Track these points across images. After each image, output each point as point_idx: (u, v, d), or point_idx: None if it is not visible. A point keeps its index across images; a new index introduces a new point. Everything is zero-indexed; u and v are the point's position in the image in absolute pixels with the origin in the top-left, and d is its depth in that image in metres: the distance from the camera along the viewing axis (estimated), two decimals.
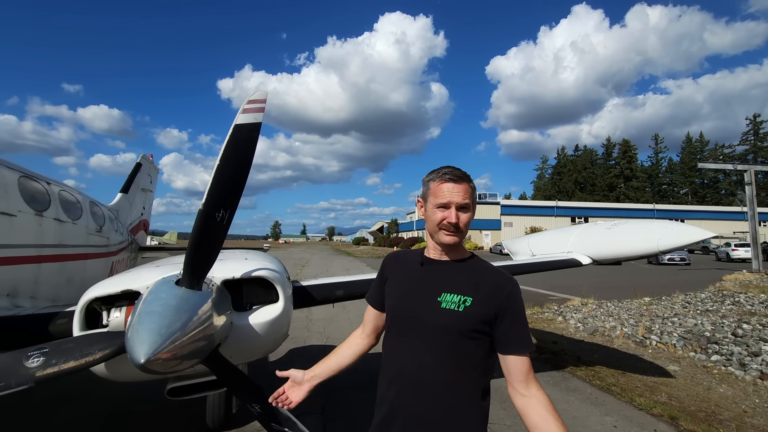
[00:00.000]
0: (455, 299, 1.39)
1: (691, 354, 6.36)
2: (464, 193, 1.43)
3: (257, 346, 2.44)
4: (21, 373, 1.82)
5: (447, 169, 1.47)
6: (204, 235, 1.95)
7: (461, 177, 1.45)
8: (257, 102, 1.97)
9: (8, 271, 3.52)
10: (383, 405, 1.47)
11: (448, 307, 1.39)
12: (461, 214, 1.43)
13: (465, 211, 1.44)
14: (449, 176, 1.44)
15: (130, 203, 8.95)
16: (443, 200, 1.43)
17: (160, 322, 1.69)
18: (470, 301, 1.38)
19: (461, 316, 1.37)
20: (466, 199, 1.43)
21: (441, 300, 1.41)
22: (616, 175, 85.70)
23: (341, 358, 1.75)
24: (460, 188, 1.43)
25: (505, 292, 1.40)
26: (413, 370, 1.41)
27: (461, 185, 1.43)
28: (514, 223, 60.06)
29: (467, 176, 1.47)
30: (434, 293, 1.43)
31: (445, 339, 1.38)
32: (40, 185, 4.30)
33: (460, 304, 1.38)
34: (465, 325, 1.37)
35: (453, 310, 1.38)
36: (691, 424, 3.98)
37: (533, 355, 6.16)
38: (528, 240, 5.75)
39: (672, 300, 11.27)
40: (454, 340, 1.38)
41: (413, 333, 1.44)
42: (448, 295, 1.40)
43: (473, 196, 1.47)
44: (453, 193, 1.42)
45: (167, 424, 4.02)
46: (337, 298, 3.81)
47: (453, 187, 1.43)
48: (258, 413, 2.06)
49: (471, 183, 1.47)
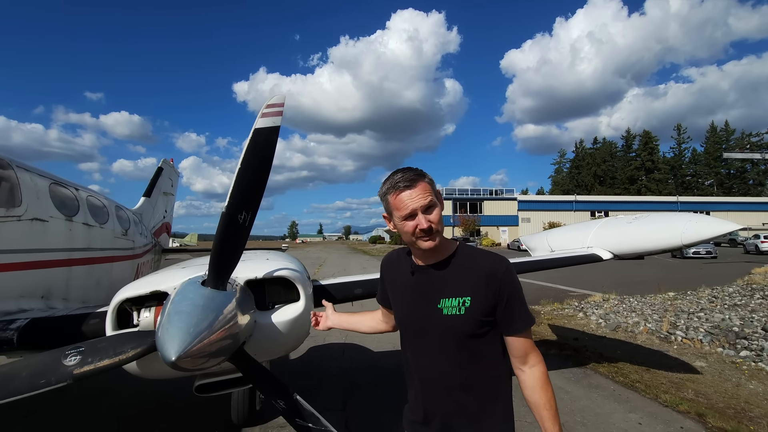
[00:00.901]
0: (455, 303, 1.39)
1: (718, 350, 6.19)
2: (423, 193, 1.37)
3: (280, 344, 2.50)
4: (60, 370, 1.92)
5: (398, 176, 1.39)
6: (227, 236, 2.01)
7: (414, 179, 1.38)
8: (275, 106, 2.02)
9: (42, 274, 3.68)
10: (417, 408, 1.51)
11: (449, 312, 1.39)
12: (429, 215, 1.37)
13: (431, 211, 1.38)
14: (403, 183, 1.37)
15: (152, 207, 9.20)
16: (407, 210, 1.37)
17: (189, 321, 1.76)
18: (469, 300, 1.38)
19: (464, 319, 1.38)
20: (427, 197, 1.37)
21: (441, 307, 1.40)
22: (636, 167, 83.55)
23: (360, 323, 1.99)
24: (418, 190, 1.37)
25: (498, 278, 1.38)
26: (436, 374, 1.45)
27: (417, 187, 1.37)
28: (531, 219, 59.24)
29: (420, 174, 1.41)
30: (433, 301, 1.42)
31: (455, 343, 1.40)
32: (70, 191, 4.48)
33: (460, 306, 1.38)
34: (470, 325, 1.38)
35: (455, 315, 1.38)
36: (720, 421, 3.88)
37: (554, 352, 6.10)
38: (546, 235, 5.68)
39: (698, 294, 10.97)
40: (464, 342, 1.40)
41: (425, 342, 1.47)
42: (447, 300, 1.40)
43: (434, 190, 1.41)
44: (413, 199, 1.36)
45: (193, 420, 4.14)
46: (356, 296, 3.86)
47: (410, 193, 1.37)
48: (282, 409, 2.12)
49: (426, 178, 1.41)
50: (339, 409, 4.33)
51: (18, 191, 3.50)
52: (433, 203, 1.39)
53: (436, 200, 1.41)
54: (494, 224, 59.02)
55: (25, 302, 3.40)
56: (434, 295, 1.43)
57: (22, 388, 1.88)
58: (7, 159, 3.56)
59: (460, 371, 1.42)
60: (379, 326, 1.93)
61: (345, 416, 4.16)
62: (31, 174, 3.78)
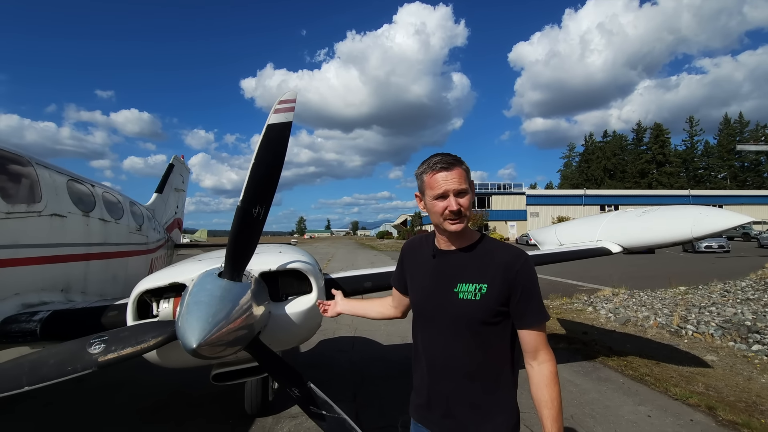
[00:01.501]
0: (471, 288, 1.42)
1: (730, 344, 6.15)
2: (458, 178, 1.42)
3: (293, 334, 2.57)
4: (85, 358, 2.00)
5: (437, 158, 1.45)
6: (242, 230, 2.07)
7: (452, 163, 1.44)
8: (287, 102, 2.06)
9: (62, 268, 3.80)
10: (422, 391, 1.56)
11: (465, 297, 1.42)
12: (460, 199, 1.43)
13: (463, 196, 1.43)
14: (440, 165, 1.43)
15: (164, 203, 9.34)
16: (440, 191, 1.43)
17: (208, 311, 1.82)
18: (486, 288, 1.41)
19: (479, 305, 1.41)
20: (461, 184, 1.42)
21: (458, 291, 1.44)
22: (647, 160, 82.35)
23: (369, 308, 2.03)
24: (454, 174, 1.42)
25: (515, 270, 1.41)
26: (443, 359, 1.48)
27: (453, 171, 1.43)
28: (540, 213, 58.77)
29: (458, 160, 1.46)
30: (450, 285, 1.46)
31: (467, 328, 1.43)
32: (86, 187, 4.59)
33: (476, 292, 1.41)
34: (484, 312, 1.41)
35: (471, 300, 1.41)
36: (730, 414, 3.88)
37: (563, 346, 6.11)
38: (555, 229, 5.68)
39: (709, 289, 10.85)
40: (476, 328, 1.43)
41: (437, 325, 1.50)
42: (464, 285, 1.44)
43: (468, 178, 1.47)
44: (448, 181, 1.42)
45: (208, 410, 4.25)
46: (366, 289, 3.91)
47: (446, 175, 1.42)
48: (297, 397, 2.18)
49: (463, 166, 1.46)
50: (349, 400, 4.41)
51: (38, 188, 3.61)
52: (466, 190, 1.44)
53: (469, 188, 1.46)
54: (502, 219, 58.67)
55: (46, 295, 3.51)
56: (452, 280, 1.47)
57: (51, 375, 1.96)
58: (27, 156, 3.67)
59: (468, 358, 1.44)
60: (388, 312, 1.94)
61: (355, 407, 4.24)
62: (49, 171, 3.88)
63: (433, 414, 1.51)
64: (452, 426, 1.47)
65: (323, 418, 2.18)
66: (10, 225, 3.19)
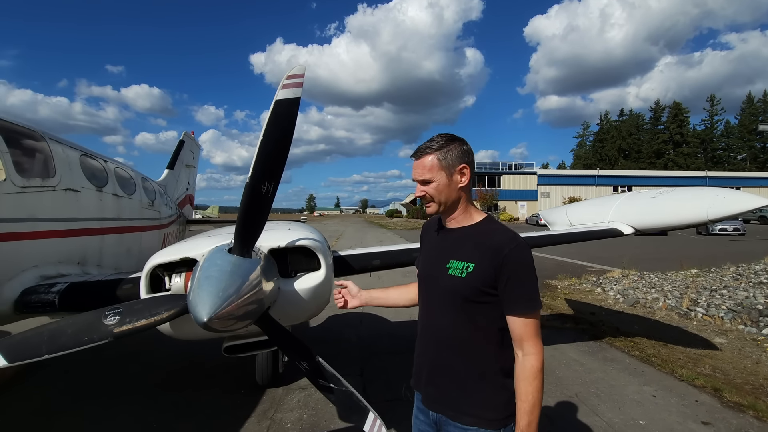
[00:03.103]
0: (459, 266, 1.47)
1: (740, 327, 6.12)
2: (421, 168, 1.52)
3: (302, 310, 2.61)
4: (101, 329, 2.07)
5: (422, 144, 1.55)
6: (251, 206, 2.08)
7: (423, 152, 1.52)
8: (296, 77, 2.02)
9: (77, 242, 3.88)
10: (416, 358, 1.67)
11: (453, 273, 1.48)
12: (425, 186, 1.52)
13: (427, 184, 1.52)
14: (414, 154, 1.55)
15: (176, 179, 9.43)
16: (413, 178, 1.57)
17: (218, 286, 1.85)
18: (472, 267, 1.44)
19: (464, 282, 1.45)
20: (423, 174, 1.51)
21: (449, 267, 1.50)
22: (664, 140, 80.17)
23: (396, 296, 1.96)
24: (419, 164, 1.53)
25: (503, 254, 1.40)
26: (432, 330, 1.58)
27: (421, 160, 1.52)
28: (551, 194, 58.10)
29: (436, 147, 1.50)
30: (445, 260, 1.53)
31: (452, 304, 1.49)
32: (99, 163, 4.63)
33: (463, 270, 1.46)
34: (468, 290, 1.44)
35: (457, 276, 1.46)
36: (736, 396, 3.89)
37: (570, 325, 6.14)
38: (566, 210, 5.62)
39: (722, 272, 10.73)
40: (461, 304, 1.47)
41: (432, 296, 1.60)
42: (455, 262, 1.49)
43: (443, 163, 1.50)
44: (415, 170, 1.54)
45: (221, 380, 4.40)
46: (374, 267, 3.95)
47: (415, 164, 1.55)
48: (306, 370, 2.23)
49: (437, 153, 1.50)
50: (357, 374, 4.52)
51: (52, 162, 3.65)
52: (429, 180, 1.51)
53: (439, 175, 1.50)
54: (513, 198, 58.20)
55: (63, 268, 3.60)
56: (446, 255, 1.54)
57: (69, 344, 2.04)
58: (40, 131, 3.70)
59: (453, 332, 1.50)
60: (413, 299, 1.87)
61: (363, 381, 4.35)
62: (62, 146, 3.92)
63: (421, 380, 1.61)
64: (434, 394, 1.55)
65: (331, 390, 2.23)
66: (26, 199, 3.25)
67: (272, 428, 3.45)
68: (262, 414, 3.69)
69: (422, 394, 1.61)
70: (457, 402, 1.48)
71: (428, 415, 1.58)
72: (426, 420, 1.60)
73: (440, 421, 1.53)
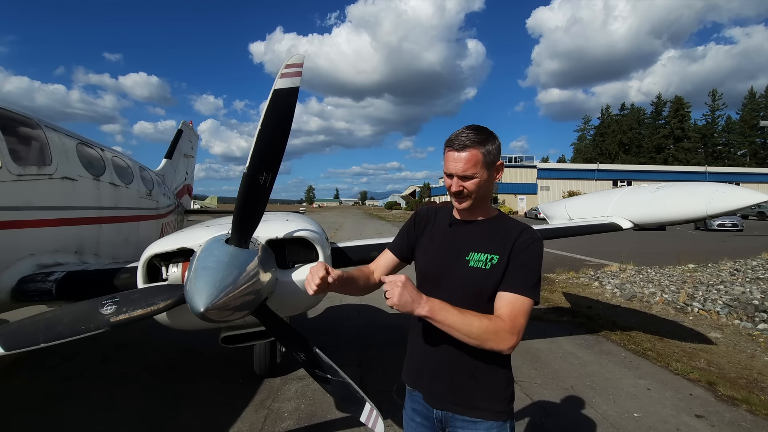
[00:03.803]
0: (482, 258, 1.44)
1: (735, 322, 6.15)
2: (465, 163, 1.40)
3: (300, 301, 2.61)
4: (98, 318, 2.07)
5: (462, 135, 1.42)
6: (249, 197, 2.06)
7: (467, 145, 1.40)
8: (294, 66, 1.99)
9: (75, 231, 3.87)
10: (414, 356, 1.60)
11: (475, 265, 1.44)
12: (464, 182, 1.43)
13: (468, 180, 1.43)
14: (456, 144, 1.42)
15: (174, 168, 9.38)
16: (447, 170, 1.45)
17: (215, 276, 1.85)
18: (497, 258, 1.42)
19: (488, 274, 1.42)
20: (467, 170, 1.41)
21: (469, 259, 1.46)
22: (665, 135, 79.92)
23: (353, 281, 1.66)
24: (462, 157, 1.41)
25: (521, 242, 1.43)
26: None
27: (464, 153, 1.40)
28: (551, 188, 58.09)
29: (478, 141, 1.41)
30: (462, 253, 1.49)
31: (473, 295, 1.45)
32: (96, 151, 4.60)
33: (487, 262, 1.43)
34: (492, 281, 1.42)
35: (480, 268, 1.43)
36: (730, 390, 3.93)
37: (567, 319, 6.16)
38: (565, 204, 5.61)
39: (719, 267, 10.77)
40: (481, 296, 1.44)
41: (443, 291, 1.50)
42: (476, 254, 1.46)
43: (486, 159, 1.42)
44: (455, 164, 1.42)
45: (219, 370, 4.42)
46: (372, 259, 3.93)
47: (456, 156, 1.42)
48: (303, 361, 2.24)
49: (482, 147, 1.41)
50: (355, 365, 4.54)
51: (48, 150, 3.62)
52: (472, 176, 1.42)
53: (481, 171, 1.43)
54: (512, 192, 58.18)
55: (60, 256, 3.59)
56: (464, 248, 1.50)
57: (65, 333, 2.04)
58: (35, 119, 3.66)
59: None
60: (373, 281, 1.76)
61: (360, 372, 4.37)
62: (59, 134, 3.88)
63: (423, 378, 1.55)
64: (441, 391, 1.50)
65: (328, 381, 2.24)
66: (22, 187, 3.23)
67: (270, 417, 3.47)
68: (259, 403, 3.71)
69: (425, 393, 1.54)
70: (468, 396, 1.46)
71: (429, 416, 1.53)
72: (425, 422, 1.55)
73: (446, 419, 1.49)
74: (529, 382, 4.15)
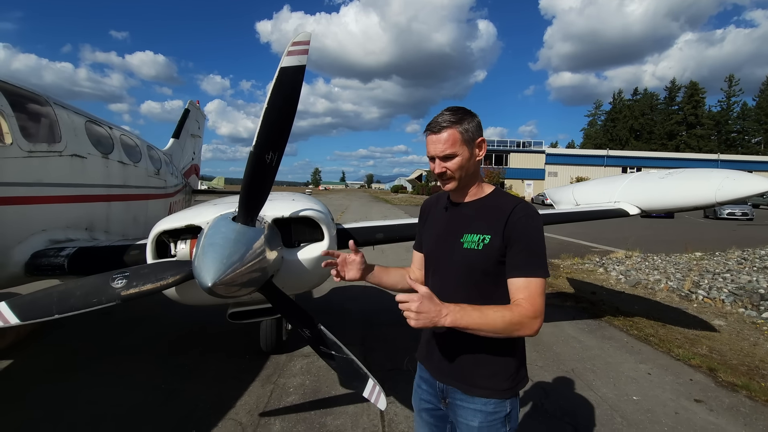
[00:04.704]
0: (475, 239, 1.46)
1: (740, 310, 6.14)
2: (443, 143, 1.44)
3: (305, 280, 2.66)
4: (109, 292, 2.13)
5: (436, 118, 1.47)
6: (255, 175, 2.08)
7: (444, 126, 1.44)
8: (301, 44, 1.98)
9: (85, 208, 3.93)
10: (427, 336, 1.66)
11: (469, 246, 1.47)
12: (446, 163, 1.46)
13: (449, 159, 1.46)
14: (433, 128, 1.46)
15: (181, 148, 9.41)
16: (429, 153, 1.49)
17: (222, 253, 1.88)
18: (489, 238, 1.44)
19: (482, 254, 1.45)
20: (446, 150, 1.44)
21: (463, 241, 1.49)
22: (678, 121, 78.18)
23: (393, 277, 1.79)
24: (440, 138, 1.45)
25: (514, 219, 1.42)
26: None
27: (442, 134, 1.44)
28: (559, 173, 57.41)
29: (454, 120, 1.44)
30: (457, 235, 1.52)
31: (470, 276, 1.49)
32: (104, 130, 4.62)
33: (479, 242, 1.45)
34: (487, 261, 1.45)
35: (473, 249, 1.46)
36: (731, 377, 3.95)
37: (570, 304, 6.18)
38: (573, 189, 5.57)
39: (726, 255, 10.69)
40: (478, 276, 1.47)
41: (443, 273, 1.57)
42: (469, 236, 1.48)
43: (464, 137, 1.45)
44: (435, 146, 1.46)
45: (226, 346, 4.52)
46: (377, 241, 3.97)
47: (434, 139, 1.46)
48: (308, 337, 2.29)
49: (460, 126, 1.44)
50: (358, 344, 4.62)
51: (57, 128, 3.65)
52: (452, 154, 1.45)
53: (462, 150, 1.45)
54: (519, 177, 57.65)
55: (71, 233, 3.66)
56: (459, 230, 1.52)
57: (78, 305, 2.10)
58: (44, 96, 3.68)
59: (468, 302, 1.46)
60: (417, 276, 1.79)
61: (364, 350, 4.45)
62: (67, 111, 3.90)
63: (433, 356, 1.60)
64: (447, 369, 1.55)
65: (332, 357, 2.29)
66: (33, 163, 3.27)
67: (275, 392, 3.56)
68: (266, 378, 3.81)
69: (433, 369, 1.61)
70: (470, 375, 1.50)
71: (434, 385, 1.61)
72: (430, 390, 1.63)
73: (447, 391, 1.56)
74: (530, 365, 4.16)
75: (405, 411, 3.26)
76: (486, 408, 1.47)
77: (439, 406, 1.61)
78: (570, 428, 3.12)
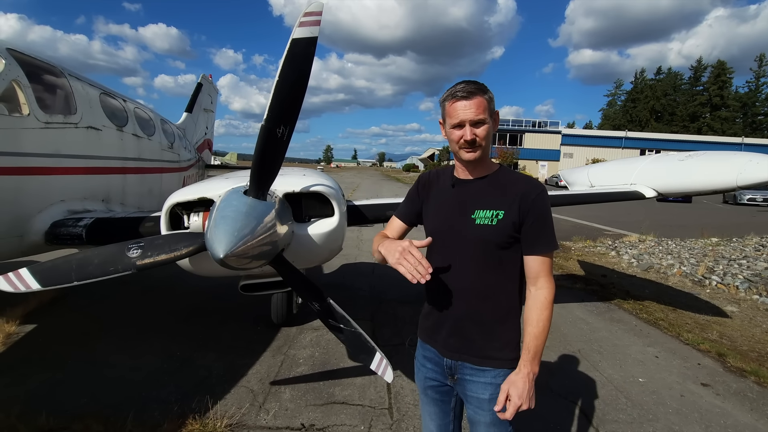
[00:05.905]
0: (488, 214, 1.48)
1: (754, 297, 6.06)
2: (476, 108, 1.43)
3: (315, 254, 2.69)
4: (125, 261, 2.19)
5: (459, 86, 1.46)
6: (267, 149, 2.08)
7: (472, 92, 1.44)
8: (313, 14, 1.94)
9: (101, 180, 4.00)
10: (431, 314, 1.65)
11: (482, 222, 1.49)
12: (476, 129, 1.45)
13: (480, 126, 1.45)
14: (461, 94, 1.44)
15: (194, 122, 9.44)
16: (457, 120, 1.45)
17: (234, 225, 1.91)
18: (502, 214, 1.46)
19: (495, 229, 1.47)
20: (479, 114, 1.44)
21: (475, 217, 1.50)
22: (702, 103, 75.20)
23: None
24: (472, 104, 1.43)
25: (531, 198, 1.46)
26: (456, 281, 1.55)
27: (473, 100, 1.43)
28: (575, 154, 56.20)
29: (481, 89, 1.46)
30: (468, 211, 1.52)
31: (483, 252, 1.50)
32: (118, 102, 4.65)
33: (493, 218, 1.47)
34: (499, 236, 1.47)
35: (487, 225, 1.48)
36: (740, 362, 3.93)
37: (580, 286, 6.15)
38: (588, 170, 5.46)
39: (744, 242, 10.46)
40: (491, 251, 1.50)
41: (453, 250, 1.56)
42: (482, 212, 1.49)
43: (490, 107, 1.47)
44: (465, 111, 1.44)
45: (238, 318, 4.65)
46: (387, 218, 3.95)
47: (465, 104, 1.44)
48: (317, 311, 2.34)
49: (486, 95, 1.46)
50: (367, 319, 4.71)
51: (72, 99, 3.68)
52: (484, 120, 1.45)
53: (488, 118, 1.47)
54: (534, 158, 56.67)
55: (89, 204, 3.75)
56: (470, 206, 1.53)
57: (96, 273, 2.17)
58: (59, 67, 3.70)
59: (480, 280, 1.52)
60: None
61: (372, 325, 4.53)
62: (82, 83, 3.93)
63: (440, 334, 1.61)
64: (457, 344, 1.56)
65: (341, 330, 2.34)
66: (50, 134, 3.32)
67: (286, 362, 3.67)
68: (276, 349, 3.92)
69: (440, 347, 1.61)
70: (482, 348, 1.52)
71: (440, 363, 1.62)
72: (435, 368, 1.64)
73: (455, 366, 1.57)
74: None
75: (411, 384, 3.34)
76: (496, 380, 1.50)
77: (446, 382, 1.63)
78: (574, 407, 3.16)
